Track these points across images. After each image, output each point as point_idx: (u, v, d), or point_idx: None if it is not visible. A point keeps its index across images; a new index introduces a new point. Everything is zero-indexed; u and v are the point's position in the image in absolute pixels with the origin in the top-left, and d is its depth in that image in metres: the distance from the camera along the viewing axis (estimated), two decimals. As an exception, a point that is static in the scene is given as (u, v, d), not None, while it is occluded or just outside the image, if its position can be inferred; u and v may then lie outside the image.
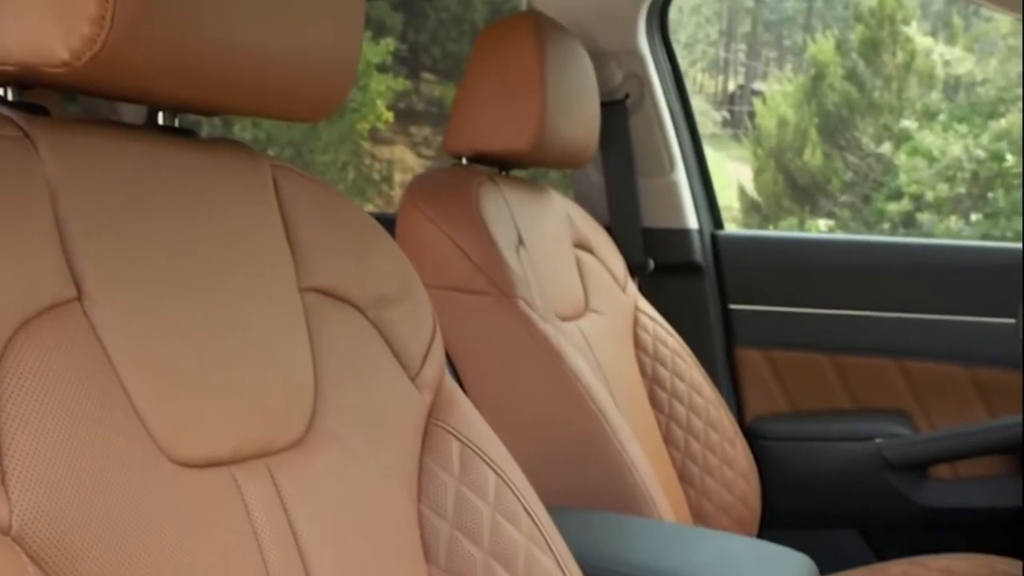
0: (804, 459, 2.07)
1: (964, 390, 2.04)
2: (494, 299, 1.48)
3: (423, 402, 0.98)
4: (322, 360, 0.90)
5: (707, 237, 2.20)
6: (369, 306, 0.97)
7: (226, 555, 0.76)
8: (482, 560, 0.96)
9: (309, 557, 0.82)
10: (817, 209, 10.52)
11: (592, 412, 1.44)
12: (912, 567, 1.72)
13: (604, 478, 1.44)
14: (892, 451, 2.01)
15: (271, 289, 0.88)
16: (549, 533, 1.02)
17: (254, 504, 0.80)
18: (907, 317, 2.07)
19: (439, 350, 1.03)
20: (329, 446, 0.87)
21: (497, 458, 1.01)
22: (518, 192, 1.67)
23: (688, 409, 1.82)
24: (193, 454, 0.76)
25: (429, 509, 0.95)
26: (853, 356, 2.09)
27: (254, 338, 0.84)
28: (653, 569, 1.12)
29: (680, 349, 1.88)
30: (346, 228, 0.99)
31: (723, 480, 1.82)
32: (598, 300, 1.76)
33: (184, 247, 0.82)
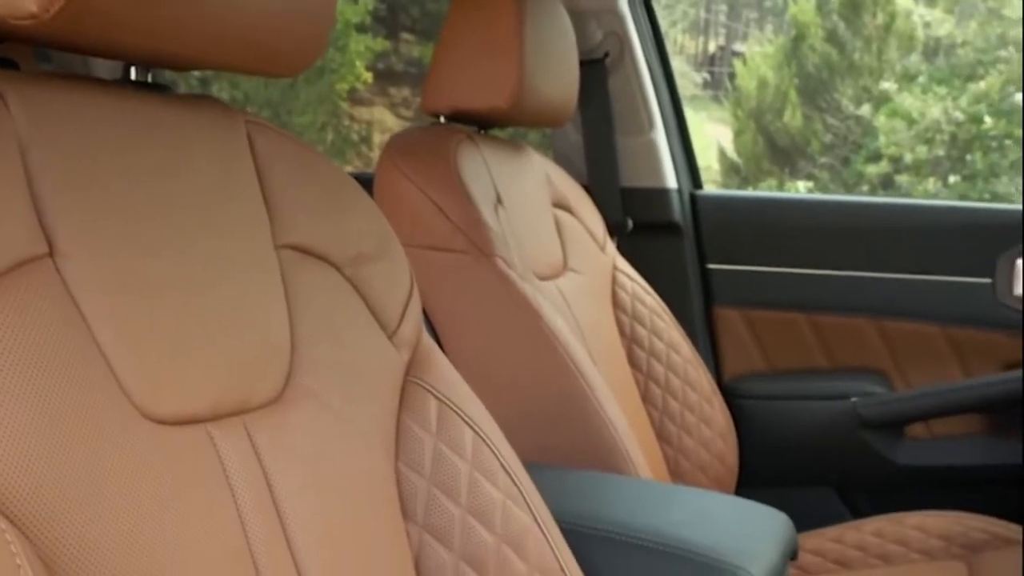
0: (781, 418, 2.09)
1: (940, 349, 2.05)
2: (472, 258, 1.48)
3: (400, 360, 0.98)
4: (298, 317, 0.90)
5: (686, 197, 2.20)
6: (346, 264, 0.96)
7: (203, 512, 0.75)
8: (460, 516, 0.96)
9: (286, 514, 0.82)
10: (796, 171, 10.54)
11: (570, 371, 1.45)
12: (887, 524, 1.74)
13: (582, 436, 1.44)
14: (868, 410, 2.02)
15: (246, 246, 0.87)
16: (527, 490, 1.02)
17: (231, 461, 0.79)
18: (884, 277, 2.07)
19: (416, 308, 1.03)
20: (306, 403, 0.87)
21: (475, 415, 1.01)
22: (497, 151, 1.66)
23: (666, 368, 1.82)
24: (169, 411, 0.76)
25: (406, 466, 0.95)
26: (830, 315, 2.10)
27: (229, 295, 0.84)
28: (630, 526, 1.13)
29: (658, 308, 1.88)
30: (322, 185, 0.98)
31: (701, 438, 1.83)
32: (577, 259, 1.76)
33: (158, 204, 0.81)
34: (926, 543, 1.67)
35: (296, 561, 0.81)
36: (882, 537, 1.71)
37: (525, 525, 1.00)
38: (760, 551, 1.13)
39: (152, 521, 0.71)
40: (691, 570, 1.08)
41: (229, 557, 0.76)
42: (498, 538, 0.97)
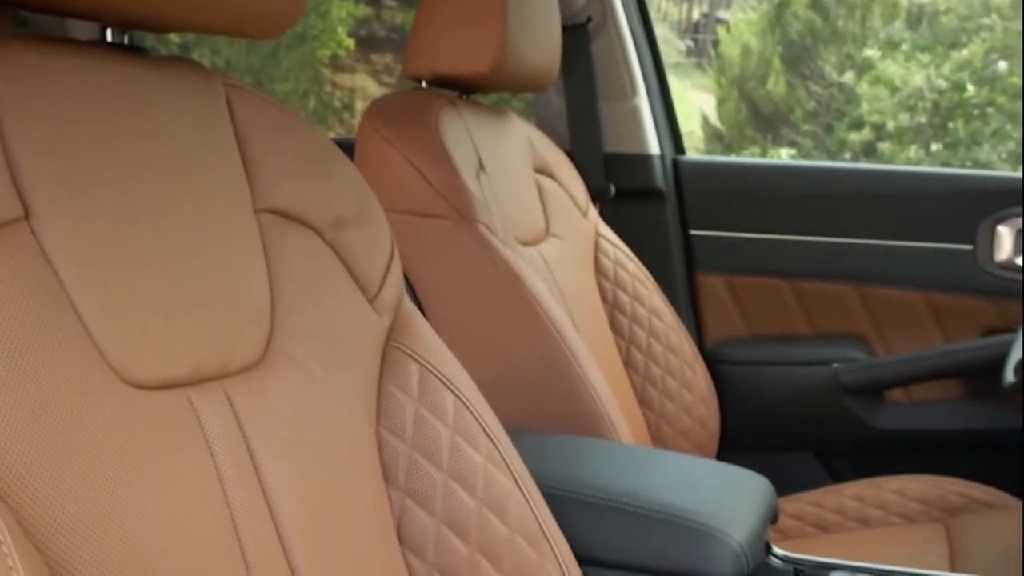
0: (763, 383, 2.10)
1: (921, 315, 2.06)
2: (454, 223, 1.48)
3: (381, 324, 0.98)
4: (278, 282, 0.89)
5: (668, 162, 2.20)
6: (326, 228, 0.96)
7: (183, 477, 0.75)
8: (441, 481, 0.96)
9: (266, 479, 0.82)
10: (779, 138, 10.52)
11: (552, 336, 1.45)
12: (867, 488, 1.75)
13: (564, 402, 1.44)
14: (849, 375, 2.03)
15: (225, 210, 0.87)
16: (508, 455, 1.02)
17: (211, 426, 0.79)
18: (866, 243, 2.08)
19: (397, 273, 1.03)
20: (286, 368, 0.87)
21: (456, 380, 1.01)
22: (479, 116, 1.65)
23: (648, 334, 1.83)
24: (147, 376, 0.76)
25: (388, 431, 0.95)
26: (812, 282, 2.11)
27: (208, 259, 0.83)
28: (612, 490, 1.13)
29: (641, 274, 1.88)
30: (302, 150, 0.97)
31: (682, 404, 1.84)
32: (559, 225, 1.76)
33: (135, 167, 0.80)
34: (905, 507, 1.68)
35: (277, 525, 0.81)
36: (861, 501, 1.72)
37: (507, 489, 1.00)
38: (741, 515, 1.13)
39: (132, 487, 0.71)
40: (672, 534, 1.09)
41: (209, 522, 0.76)
42: (480, 502, 0.98)
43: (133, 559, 0.69)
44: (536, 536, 1.01)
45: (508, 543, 0.98)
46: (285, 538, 0.81)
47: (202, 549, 0.74)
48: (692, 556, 1.08)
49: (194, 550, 0.74)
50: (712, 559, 1.07)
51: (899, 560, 1.27)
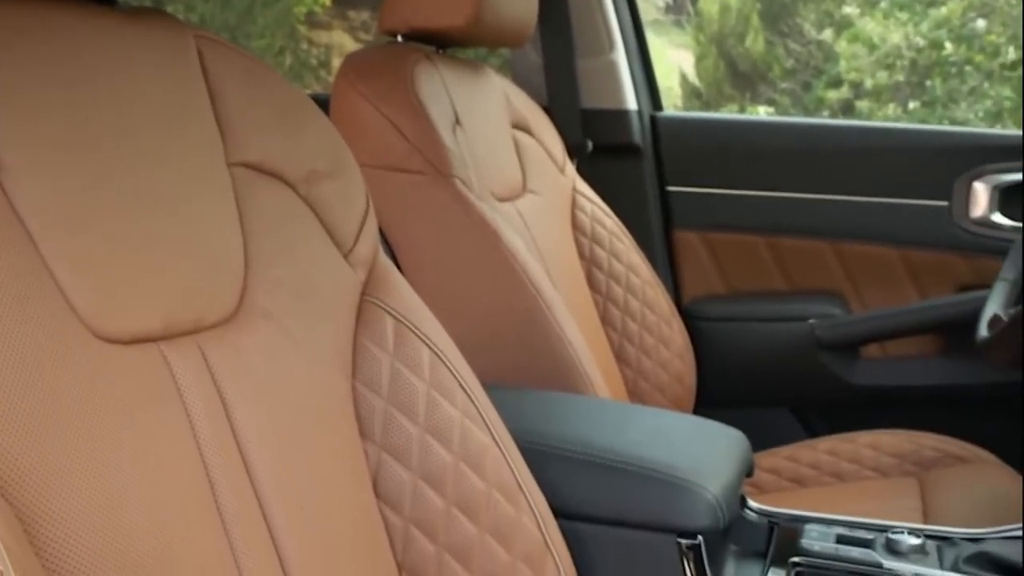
0: (739, 339, 2.10)
1: (896, 272, 2.07)
2: (430, 178, 1.46)
3: (356, 279, 0.97)
4: (252, 236, 0.88)
5: (646, 118, 2.19)
6: (300, 182, 0.95)
7: (157, 432, 0.75)
8: (417, 435, 0.96)
9: (241, 433, 0.81)
10: (757, 96, 10.49)
11: (529, 291, 1.44)
12: (841, 443, 1.76)
13: (541, 357, 1.44)
14: (825, 331, 2.04)
15: (197, 163, 0.86)
16: (484, 409, 1.02)
17: (184, 380, 0.79)
18: (842, 199, 2.08)
19: (372, 227, 1.02)
20: (260, 323, 0.86)
21: (432, 335, 1.01)
22: (455, 71, 1.63)
23: (625, 290, 1.83)
24: (120, 330, 0.75)
25: (363, 385, 0.95)
26: (789, 238, 2.11)
27: (180, 212, 0.83)
28: (588, 444, 1.13)
29: (618, 230, 1.88)
30: (275, 102, 0.96)
31: (659, 360, 1.84)
32: (536, 181, 1.75)
33: (107, 120, 0.79)
34: (878, 461, 1.70)
35: (252, 479, 0.81)
36: (836, 455, 1.73)
37: (483, 444, 1.00)
38: (716, 469, 1.14)
39: (105, 441, 0.71)
40: (648, 487, 1.09)
41: (183, 476, 0.76)
42: (456, 456, 0.98)
43: (107, 513, 0.69)
44: (512, 490, 1.01)
45: (485, 497, 0.99)
46: (260, 492, 0.81)
47: (176, 502, 0.74)
48: (668, 509, 1.08)
49: (168, 504, 0.73)
50: (688, 512, 1.08)
51: (873, 513, 1.27)
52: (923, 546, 1.16)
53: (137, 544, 0.70)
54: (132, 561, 0.69)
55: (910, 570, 1.13)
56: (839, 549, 1.18)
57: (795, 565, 1.17)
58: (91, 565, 0.66)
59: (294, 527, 0.82)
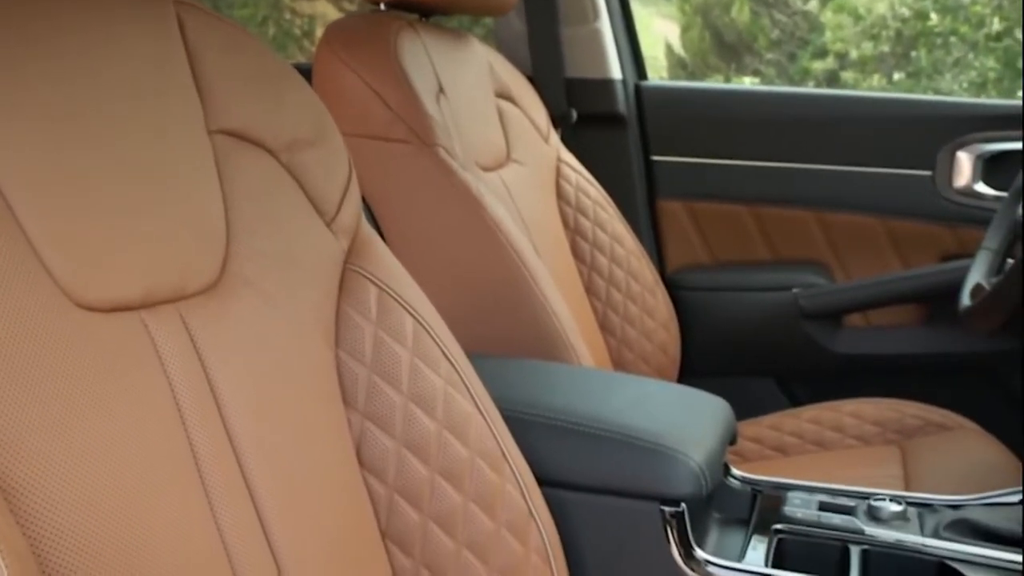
0: (723, 309, 2.11)
1: (880, 241, 2.07)
2: (414, 147, 1.46)
3: (339, 247, 0.97)
4: (233, 204, 0.88)
5: (630, 87, 2.18)
6: (281, 150, 0.94)
7: (138, 400, 0.75)
8: (401, 404, 0.96)
9: (224, 402, 0.81)
10: (743, 67, 10.46)
11: (513, 261, 1.44)
12: (824, 411, 1.77)
13: (525, 326, 1.44)
14: (808, 300, 2.05)
15: (177, 130, 0.85)
16: (468, 377, 1.02)
17: (166, 350, 0.78)
18: (826, 169, 2.08)
19: (355, 196, 1.02)
20: (243, 291, 0.86)
21: (415, 303, 1.00)
22: (438, 39, 1.62)
23: (609, 260, 1.83)
24: (100, 298, 0.74)
25: (347, 354, 0.95)
26: (773, 207, 2.11)
27: (160, 180, 0.82)
28: (571, 412, 1.13)
29: (602, 200, 1.88)
30: (256, 69, 0.95)
31: (643, 329, 1.85)
32: (520, 150, 1.74)
33: (85, 86, 0.78)
34: (861, 429, 1.71)
35: (235, 448, 0.81)
36: (819, 424, 1.74)
37: (467, 412, 1.00)
38: (700, 436, 1.14)
39: (86, 410, 0.70)
40: (631, 454, 1.09)
41: (165, 445, 0.76)
42: (440, 424, 0.98)
43: (87, 483, 0.68)
44: (496, 458, 1.01)
45: (468, 465, 0.99)
46: (243, 461, 0.81)
47: (158, 471, 0.74)
48: (651, 477, 1.09)
49: (150, 472, 0.73)
50: (671, 480, 1.08)
51: (855, 481, 1.28)
52: (904, 513, 1.17)
53: (119, 513, 0.70)
54: (114, 529, 0.69)
55: (891, 536, 1.14)
56: (821, 516, 1.18)
57: (777, 532, 1.17)
58: (72, 534, 0.66)
59: (277, 496, 0.82)
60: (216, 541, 0.77)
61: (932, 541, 1.12)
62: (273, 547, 0.81)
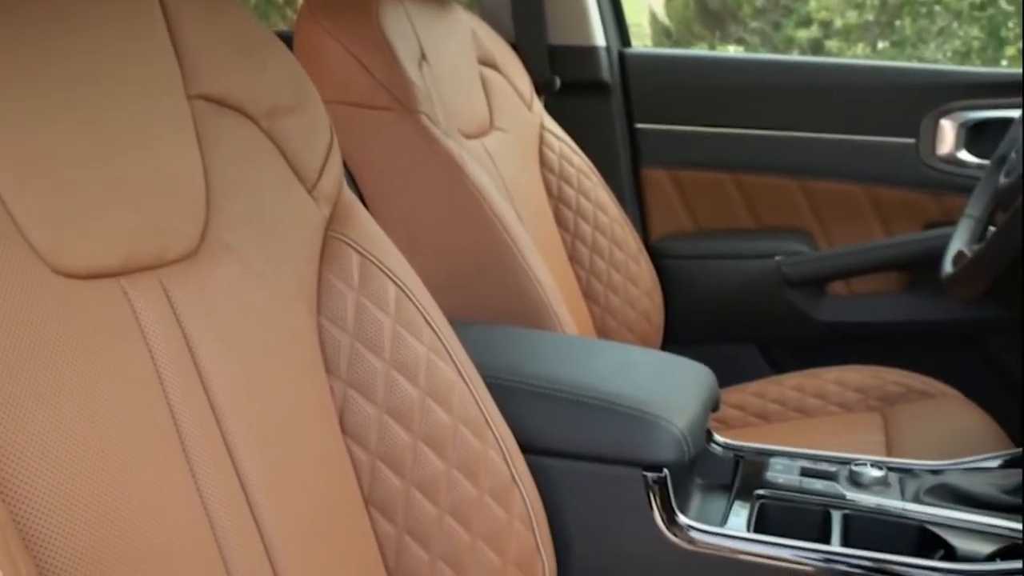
0: (707, 277, 2.11)
1: (863, 209, 2.07)
2: (396, 115, 1.45)
3: (320, 214, 0.97)
4: (213, 170, 0.87)
5: (614, 55, 2.17)
6: (262, 116, 0.94)
7: (119, 367, 0.74)
8: (383, 371, 0.96)
9: (205, 369, 0.81)
10: (727, 35, 10.43)
11: (496, 228, 1.44)
12: (807, 378, 1.78)
13: (508, 295, 1.44)
14: (792, 268, 2.05)
15: (155, 96, 0.85)
16: (451, 344, 1.02)
17: (146, 317, 0.78)
18: (809, 137, 2.08)
19: (337, 162, 1.01)
20: (223, 258, 0.85)
21: (398, 270, 1.00)
22: (421, 6, 1.61)
23: (593, 227, 1.82)
24: (78, 264, 0.74)
25: (328, 321, 0.94)
26: (756, 175, 2.11)
27: (139, 145, 0.81)
28: (554, 379, 1.13)
29: (586, 168, 1.87)
30: (236, 34, 0.95)
31: (627, 297, 1.85)
32: (503, 118, 1.73)
33: (61, 51, 0.78)
34: (843, 396, 1.71)
35: (217, 416, 0.81)
36: (802, 391, 1.75)
37: (449, 379, 1.00)
38: (682, 403, 1.14)
39: (66, 379, 0.70)
40: (614, 421, 1.09)
41: (146, 414, 0.75)
42: (422, 391, 0.98)
43: (67, 451, 0.68)
44: (479, 425, 1.01)
45: (451, 432, 0.99)
46: (225, 428, 0.81)
47: (139, 439, 0.74)
48: (634, 443, 1.09)
49: (131, 441, 0.73)
50: (654, 446, 1.08)
51: (837, 447, 1.29)
52: (885, 478, 1.18)
53: (101, 483, 0.69)
54: (97, 500, 0.69)
55: (872, 501, 1.15)
56: (803, 482, 1.19)
57: (760, 497, 1.18)
58: (52, 504, 0.66)
59: (259, 463, 0.82)
60: (199, 511, 0.77)
61: (913, 506, 1.13)
62: (256, 515, 0.81)
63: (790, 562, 1.07)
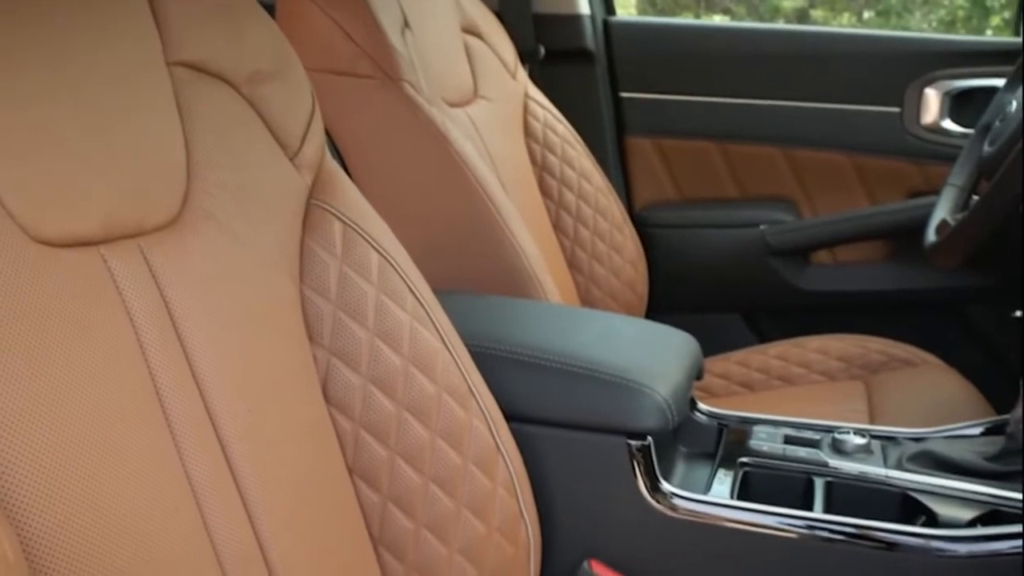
0: (691, 246, 2.11)
1: (848, 178, 2.07)
2: (379, 83, 1.44)
3: (303, 182, 0.96)
4: (194, 137, 0.86)
5: (599, 23, 2.16)
6: (243, 82, 0.93)
7: (99, 335, 0.74)
8: (367, 339, 0.96)
9: (187, 338, 0.80)
10: (712, 5, 10.39)
11: (480, 197, 1.43)
12: (791, 347, 1.78)
13: (492, 264, 1.44)
14: (776, 237, 2.05)
15: (134, 62, 0.83)
16: (434, 313, 1.02)
17: (126, 285, 0.77)
18: (794, 106, 2.08)
19: (319, 130, 1.00)
20: (205, 226, 0.85)
21: (381, 239, 1.00)
22: (403, -27, 1.59)
23: (577, 197, 1.82)
24: (57, 232, 0.73)
25: (311, 290, 0.94)
26: (741, 144, 2.11)
27: (117, 113, 0.80)
28: (538, 347, 1.13)
29: (570, 137, 1.87)
30: (217, 2, 0.93)
31: (611, 266, 1.84)
32: (487, 86, 1.72)
33: (36, 17, 0.76)
34: (827, 364, 1.72)
35: (199, 385, 0.80)
36: (785, 360, 1.75)
37: (433, 347, 1.00)
38: (666, 370, 1.14)
39: (48, 351, 0.69)
40: (597, 389, 1.10)
41: (129, 382, 0.75)
42: (406, 360, 0.97)
43: (47, 419, 0.68)
44: (463, 393, 1.01)
45: (435, 400, 0.99)
46: (207, 396, 0.81)
47: (121, 408, 0.73)
48: (618, 411, 1.09)
49: (113, 409, 0.72)
50: (637, 413, 1.08)
51: (820, 415, 1.29)
52: (868, 445, 1.18)
53: (81, 451, 0.69)
54: (76, 468, 0.68)
55: (855, 469, 1.15)
56: (786, 449, 1.20)
57: (743, 465, 1.18)
58: (33, 473, 0.66)
59: (242, 431, 0.82)
60: (182, 479, 0.77)
61: (895, 473, 1.14)
62: (239, 483, 0.81)
63: (773, 529, 1.08)
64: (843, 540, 1.06)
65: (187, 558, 0.75)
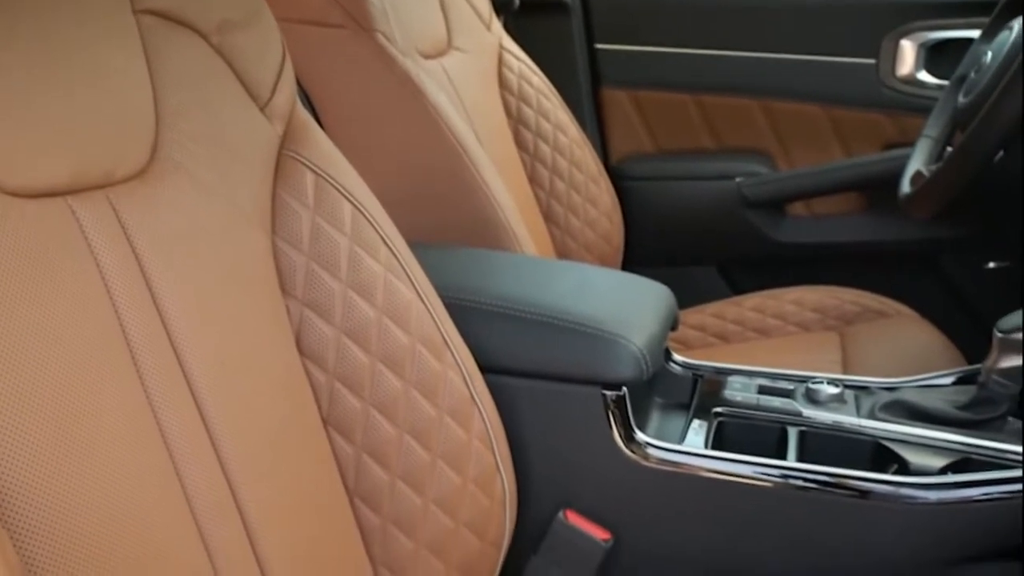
0: (667, 198, 2.11)
1: (823, 130, 2.07)
2: (351, 32, 1.42)
3: (274, 132, 0.95)
4: (162, 87, 0.85)
5: None
6: (212, 32, 0.91)
7: (69, 287, 0.73)
8: (340, 291, 0.95)
9: (157, 289, 0.80)
10: (690, -43, 10.27)
11: (454, 149, 1.42)
12: (766, 299, 1.79)
13: (467, 216, 1.43)
14: (751, 189, 2.05)
15: (102, 13, 0.82)
16: (408, 264, 1.01)
17: (95, 235, 0.76)
18: (770, 57, 2.07)
19: (289, 80, 0.99)
20: (174, 177, 0.84)
21: (353, 190, 0.99)
22: (376, -79, 1.57)
23: (553, 148, 1.81)
24: (24, 183, 0.72)
25: (283, 241, 0.93)
26: (716, 96, 2.10)
27: (84, 61, 0.79)
28: (512, 299, 1.13)
29: (545, 88, 1.85)
30: (184, -53, 0.92)
31: (587, 219, 1.84)
32: (461, 38, 1.71)
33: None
34: (801, 316, 1.73)
35: (171, 336, 0.80)
36: (761, 312, 1.76)
37: (407, 299, 1.00)
38: (640, 321, 1.14)
39: (17, 303, 0.69)
40: (572, 340, 1.09)
41: (99, 334, 0.74)
42: (380, 311, 0.97)
43: (15, 372, 0.67)
44: (438, 345, 1.01)
45: (409, 351, 0.98)
46: (179, 348, 0.80)
47: (91, 361, 0.73)
48: (592, 361, 1.09)
49: (82, 361, 0.72)
50: (611, 363, 1.09)
51: (795, 366, 1.30)
52: (841, 395, 1.19)
53: (52, 404, 0.68)
54: (47, 421, 0.68)
55: (828, 418, 1.16)
56: (760, 399, 1.20)
57: (717, 415, 1.19)
58: (3, 428, 0.65)
59: (215, 384, 0.82)
60: (154, 431, 0.76)
61: (868, 422, 1.14)
62: (212, 434, 0.81)
63: (747, 478, 1.09)
64: (816, 488, 1.07)
65: (160, 510, 0.74)
